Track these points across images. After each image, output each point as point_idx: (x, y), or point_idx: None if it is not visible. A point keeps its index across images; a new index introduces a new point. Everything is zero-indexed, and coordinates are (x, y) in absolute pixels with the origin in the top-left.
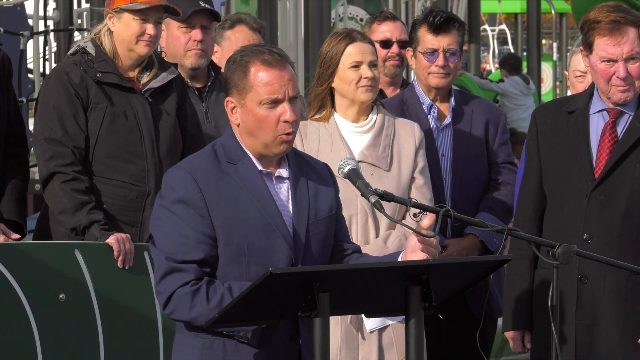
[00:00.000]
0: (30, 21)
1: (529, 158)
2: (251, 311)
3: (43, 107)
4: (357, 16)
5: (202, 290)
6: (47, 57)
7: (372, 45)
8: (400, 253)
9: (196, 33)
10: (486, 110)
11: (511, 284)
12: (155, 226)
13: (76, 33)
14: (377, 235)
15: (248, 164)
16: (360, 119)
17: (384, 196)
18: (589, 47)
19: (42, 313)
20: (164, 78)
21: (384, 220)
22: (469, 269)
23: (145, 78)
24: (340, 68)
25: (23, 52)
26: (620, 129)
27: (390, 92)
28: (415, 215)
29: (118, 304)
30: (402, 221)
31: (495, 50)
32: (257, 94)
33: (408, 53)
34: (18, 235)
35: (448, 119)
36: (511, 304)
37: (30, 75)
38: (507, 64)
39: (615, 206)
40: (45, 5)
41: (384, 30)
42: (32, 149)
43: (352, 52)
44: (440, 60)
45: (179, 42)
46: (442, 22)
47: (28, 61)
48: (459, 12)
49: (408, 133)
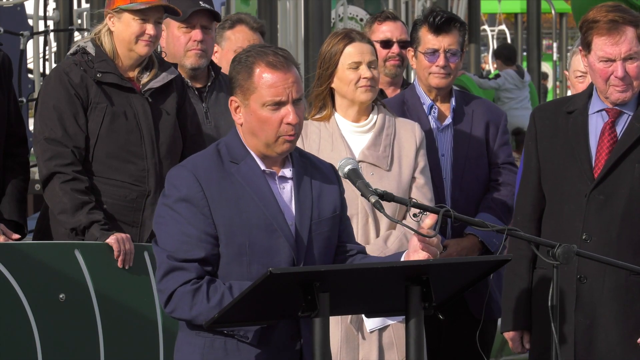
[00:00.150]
0: (30, 21)
1: (528, 158)
2: (251, 311)
3: (43, 107)
4: (357, 16)
5: (203, 289)
6: (47, 57)
7: (372, 45)
8: (402, 253)
9: (196, 33)
10: (487, 110)
11: (510, 284)
12: (157, 224)
13: (76, 33)
14: (378, 235)
15: (251, 164)
16: (360, 119)
17: (384, 196)
18: (588, 47)
19: (42, 313)
20: (164, 78)
21: (385, 220)
22: (469, 269)
23: (145, 78)
24: (339, 69)
25: (23, 52)
26: (619, 129)
27: (390, 92)
28: (415, 215)
29: (118, 304)
30: (403, 221)
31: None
32: (261, 96)
33: (409, 53)
34: (18, 235)
35: (448, 120)
36: (510, 304)
37: (30, 75)
38: (502, 55)
39: (614, 206)
40: (45, 5)
41: (385, 30)
42: (32, 149)
43: (351, 53)
44: (441, 60)
45: (179, 42)
46: (443, 23)
47: (28, 61)
48: (459, 12)
49: (409, 133)
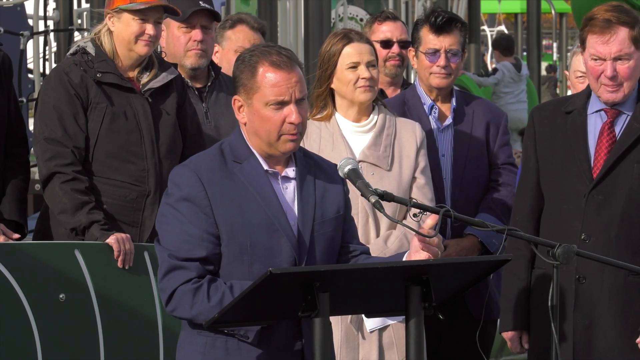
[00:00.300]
0: (30, 21)
1: (527, 158)
2: (251, 311)
3: (43, 107)
4: (357, 16)
5: (204, 288)
6: (47, 57)
7: (371, 45)
8: (404, 254)
9: (196, 33)
10: (487, 111)
11: (509, 284)
12: (160, 223)
13: (76, 33)
14: (378, 235)
15: (254, 164)
16: (361, 119)
17: (384, 196)
18: (583, 44)
19: (42, 313)
20: (164, 78)
21: (385, 220)
22: (469, 269)
23: (145, 78)
24: (338, 69)
25: (23, 52)
26: (618, 129)
27: (390, 92)
28: (415, 215)
29: (118, 304)
30: (403, 221)
31: None
32: (264, 95)
33: (410, 53)
34: (18, 235)
35: (449, 120)
36: (508, 304)
37: (30, 75)
38: (500, 45)
39: (613, 206)
40: (45, 5)
41: (385, 30)
42: (32, 149)
43: (350, 53)
44: (441, 60)
45: (179, 42)
46: (444, 23)
47: (28, 61)
48: (459, 13)
49: (409, 133)
